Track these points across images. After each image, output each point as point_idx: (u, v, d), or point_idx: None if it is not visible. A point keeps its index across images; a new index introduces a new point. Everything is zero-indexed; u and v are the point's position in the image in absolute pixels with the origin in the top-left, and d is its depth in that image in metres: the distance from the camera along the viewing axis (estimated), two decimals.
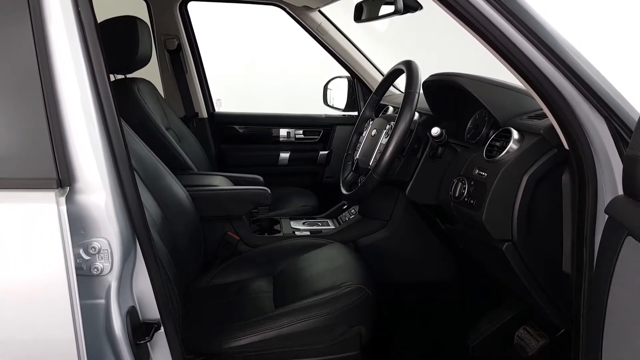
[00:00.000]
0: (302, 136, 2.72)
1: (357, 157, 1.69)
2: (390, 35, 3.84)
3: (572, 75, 0.93)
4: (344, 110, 2.67)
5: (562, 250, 1.17)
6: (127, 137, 0.95)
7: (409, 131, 1.43)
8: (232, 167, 2.62)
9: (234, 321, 1.29)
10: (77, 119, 0.84)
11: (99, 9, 0.89)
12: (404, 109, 1.39)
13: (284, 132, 2.70)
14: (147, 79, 2.22)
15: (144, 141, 1.49)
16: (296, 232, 2.00)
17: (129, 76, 2.05)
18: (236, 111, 2.79)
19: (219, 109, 2.83)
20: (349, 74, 2.61)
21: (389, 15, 1.76)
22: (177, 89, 2.65)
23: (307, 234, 1.99)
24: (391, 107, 2.14)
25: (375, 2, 1.82)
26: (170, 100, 2.61)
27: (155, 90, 2.26)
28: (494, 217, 1.22)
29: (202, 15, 2.79)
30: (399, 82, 2.10)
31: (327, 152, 2.73)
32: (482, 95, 1.40)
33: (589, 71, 0.94)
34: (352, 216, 2.07)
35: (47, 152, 0.83)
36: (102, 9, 1.13)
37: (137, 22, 1.83)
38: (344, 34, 2.49)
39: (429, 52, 2.71)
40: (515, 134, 1.23)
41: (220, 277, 1.59)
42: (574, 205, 1.07)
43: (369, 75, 2.54)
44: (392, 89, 2.46)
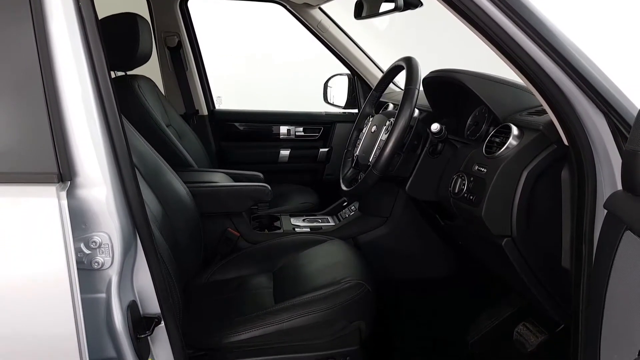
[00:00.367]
0: (303, 133, 2.72)
1: (357, 153, 1.69)
2: (390, 32, 3.84)
3: (571, 71, 0.94)
4: (344, 107, 2.67)
5: (562, 245, 1.17)
6: (128, 133, 0.96)
7: (409, 127, 1.44)
8: (233, 165, 2.61)
9: (234, 316, 1.30)
10: (78, 114, 0.85)
11: (99, 6, 0.89)
12: (403, 105, 1.39)
13: (284, 129, 2.70)
14: (148, 76, 2.22)
15: (145, 138, 1.49)
16: (296, 229, 2.00)
17: (129, 73, 2.05)
18: (236, 108, 2.80)
19: (220, 106, 2.83)
20: (349, 72, 2.61)
21: (389, 12, 1.76)
22: (178, 86, 2.65)
23: (307, 230, 1.99)
24: (391, 104, 2.14)
25: None
26: (170, 97, 2.62)
27: (155, 87, 2.26)
28: (493, 212, 1.22)
29: (202, 12, 2.79)
30: (399, 79, 2.11)
31: (327, 150, 2.73)
32: (482, 91, 1.40)
33: (588, 67, 0.94)
34: (352, 213, 2.08)
35: (48, 146, 0.83)
36: (103, 6, 1.13)
37: (137, 19, 1.84)
38: (344, 31, 2.49)
39: (429, 49, 2.71)
40: (514, 130, 1.23)
41: (220, 273, 1.60)
42: (573, 200, 1.08)
43: (369, 72, 2.54)
44: (392, 87, 2.47)
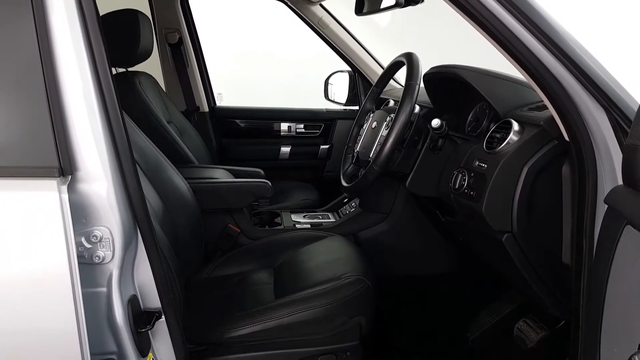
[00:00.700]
0: (303, 130, 2.72)
1: (357, 149, 1.69)
2: (391, 29, 3.83)
3: (572, 66, 0.94)
4: (345, 104, 2.67)
5: (562, 241, 1.17)
6: (129, 129, 0.96)
7: (410, 123, 1.44)
8: (233, 161, 2.62)
9: (235, 311, 1.30)
10: (78, 109, 0.85)
11: (100, 3, 0.89)
12: (404, 101, 1.39)
13: (285, 126, 2.70)
14: (149, 72, 2.22)
15: (146, 134, 1.49)
16: (297, 225, 2.00)
17: (130, 70, 2.05)
18: (237, 105, 2.79)
19: (220, 103, 2.83)
20: (350, 68, 2.61)
21: (391, 7, 1.75)
22: (179, 83, 2.65)
23: (308, 226, 1.99)
24: (392, 101, 2.14)
25: None
26: (171, 94, 2.62)
27: (156, 83, 2.26)
28: (493, 208, 1.22)
29: (203, 9, 2.78)
30: (400, 76, 2.10)
31: (328, 147, 2.73)
32: (483, 87, 1.40)
33: (589, 62, 0.94)
34: (353, 209, 2.08)
35: (49, 141, 0.83)
36: (104, 2, 1.14)
37: (138, 16, 1.84)
38: (345, 27, 2.48)
39: (430, 45, 2.70)
40: (515, 126, 1.23)
41: (221, 269, 1.60)
42: (574, 196, 1.07)
43: (370, 69, 2.54)
44: (393, 83, 2.47)
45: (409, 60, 1.50)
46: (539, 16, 0.92)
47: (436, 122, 1.43)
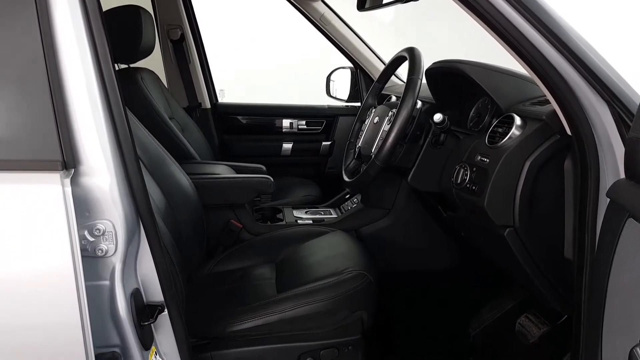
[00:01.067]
0: (305, 127, 2.72)
1: (359, 144, 1.69)
2: (393, 25, 3.82)
3: (575, 60, 0.93)
4: (347, 101, 2.67)
5: (564, 235, 1.17)
6: (131, 123, 0.96)
7: (412, 117, 1.43)
8: (235, 158, 2.61)
9: (237, 306, 1.30)
10: (81, 103, 0.85)
11: None
12: (406, 95, 1.39)
13: (286, 122, 2.70)
14: (151, 69, 2.22)
15: (148, 130, 1.49)
16: (298, 221, 2.01)
17: (132, 66, 2.05)
18: (239, 102, 2.79)
19: (222, 99, 2.83)
20: (352, 65, 2.60)
21: (393, 3, 1.75)
22: (180, 79, 2.65)
23: (310, 222, 1.99)
24: (394, 96, 2.13)
25: None
26: (173, 90, 2.62)
27: (158, 80, 2.26)
28: (495, 202, 1.22)
29: (205, 5, 2.78)
30: (402, 72, 2.10)
31: (329, 143, 2.73)
32: (485, 81, 1.39)
33: (592, 56, 0.94)
34: (355, 205, 2.08)
35: (52, 134, 0.84)
36: None
37: (140, 12, 1.84)
38: (347, 24, 2.48)
39: (433, 42, 2.69)
40: (517, 120, 1.23)
41: (223, 264, 1.61)
42: (576, 190, 1.07)
43: (372, 65, 2.53)
44: (395, 80, 2.46)
45: (411, 55, 1.50)
46: (542, 10, 0.92)
47: (438, 117, 1.42)
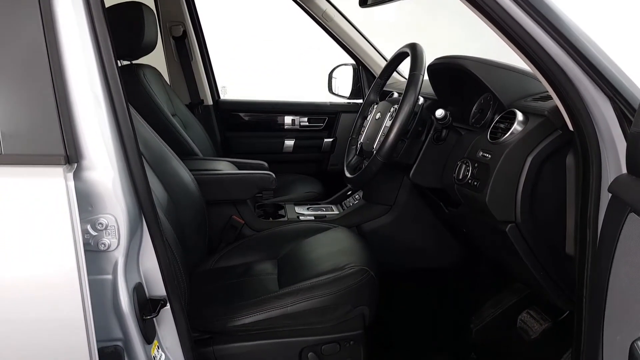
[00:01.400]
0: (307, 124, 2.72)
1: (361, 141, 1.69)
2: (395, 22, 3.81)
3: (577, 55, 0.93)
4: (349, 97, 2.67)
5: (566, 231, 1.17)
6: (133, 119, 0.97)
7: (413, 113, 1.43)
8: (237, 155, 2.62)
9: (239, 300, 1.31)
10: (84, 98, 0.86)
11: None
12: (408, 91, 1.39)
13: (288, 119, 2.70)
14: (153, 65, 2.23)
15: (150, 126, 1.50)
16: (300, 217, 2.01)
17: (134, 62, 2.05)
18: (241, 98, 2.80)
19: (224, 96, 2.83)
20: (354, 62, 2.60)
21: None
22: (183, 76, 2.65)
23: (312, 218, 2.00)
24: (396, 93, 2.14)
25: None
26: (175, 87, 2.62)
27: (160, 76, 2.27)
28: (497, 198, 1.22)
29: (207, 2, 2.78)
30: (404, 69, 2.09)
31: (331, 140, 2.73)
32: (487, 77, 1.39)
33: (594, 51, 0.94)
34: (357, 201, 2.08)
35: (55, 129, 0.84)
36: None
37: (142, 8, 1.84)
38: (349, 20, 2.48)
39: (435, 38, 2.69)
40: (519, 116, 1.22)
41: (225, 259, 1.61)
42: (578, 186, 1.07)
43: (374, 62, 2.53)
44: (397, 76, 2.46)
45: (413, 50, 1.50)
46: (544, 6, 0.92)
47: (440, 113, 1.42)
